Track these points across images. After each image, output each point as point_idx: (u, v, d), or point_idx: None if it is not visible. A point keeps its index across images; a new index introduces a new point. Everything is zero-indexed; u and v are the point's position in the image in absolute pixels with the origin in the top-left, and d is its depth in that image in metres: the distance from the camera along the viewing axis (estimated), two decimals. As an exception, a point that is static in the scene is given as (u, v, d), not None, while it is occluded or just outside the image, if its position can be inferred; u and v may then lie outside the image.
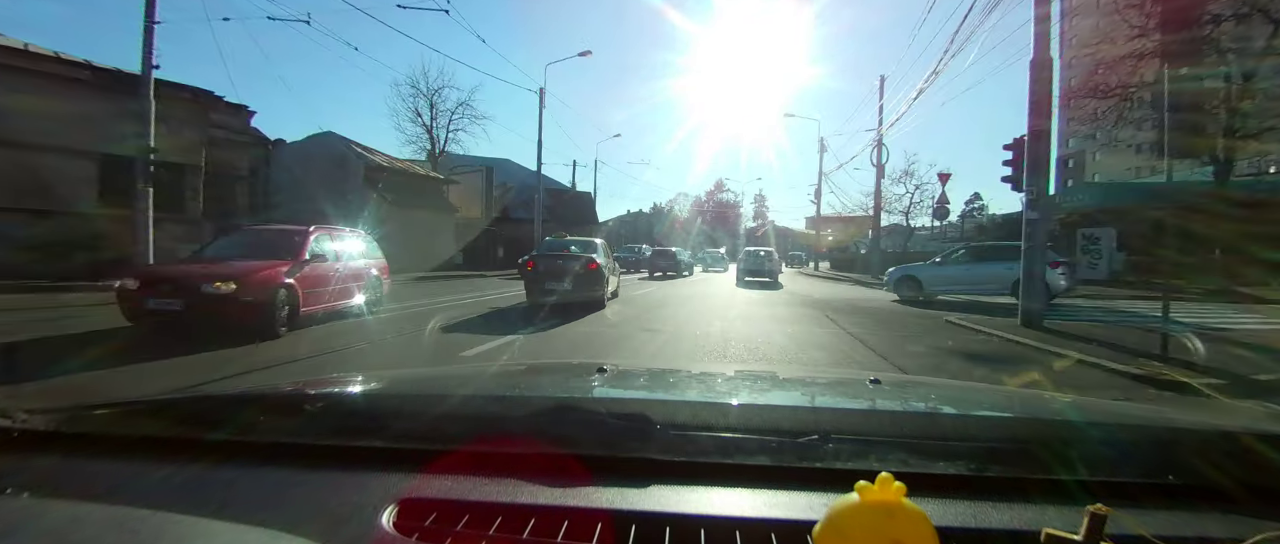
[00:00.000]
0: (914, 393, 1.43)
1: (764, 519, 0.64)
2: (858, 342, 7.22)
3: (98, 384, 4.09)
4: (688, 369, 1.94)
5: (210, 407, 0.99)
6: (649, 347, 6.84)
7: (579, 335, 7.47)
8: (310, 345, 6.11)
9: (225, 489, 0.70)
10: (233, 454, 0.77)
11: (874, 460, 0.75)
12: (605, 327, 8.29)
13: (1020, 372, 5.36)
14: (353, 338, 6.72)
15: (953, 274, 13.09)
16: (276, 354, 5.60)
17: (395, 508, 0.66)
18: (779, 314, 10.25)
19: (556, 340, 7.11)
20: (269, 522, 0.60)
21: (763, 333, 7.87)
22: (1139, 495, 0.68)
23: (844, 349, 6.74)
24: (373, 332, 7.24)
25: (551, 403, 0.94)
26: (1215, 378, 4.79)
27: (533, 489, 0.70)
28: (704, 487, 0.70)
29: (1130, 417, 1.13)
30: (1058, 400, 1.29)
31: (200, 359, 5.08)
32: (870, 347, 6.85)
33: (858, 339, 7.41)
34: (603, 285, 10.54)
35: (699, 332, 8.00)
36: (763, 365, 5.33)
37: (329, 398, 1.09)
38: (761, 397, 1.28)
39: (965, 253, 13.81)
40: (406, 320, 8.14)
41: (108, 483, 0.70)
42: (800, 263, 44.14)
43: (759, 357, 6.16)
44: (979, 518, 0.64)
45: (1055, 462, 0.74)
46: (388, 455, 0.76)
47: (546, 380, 1.47)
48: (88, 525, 0.53)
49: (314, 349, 5.97)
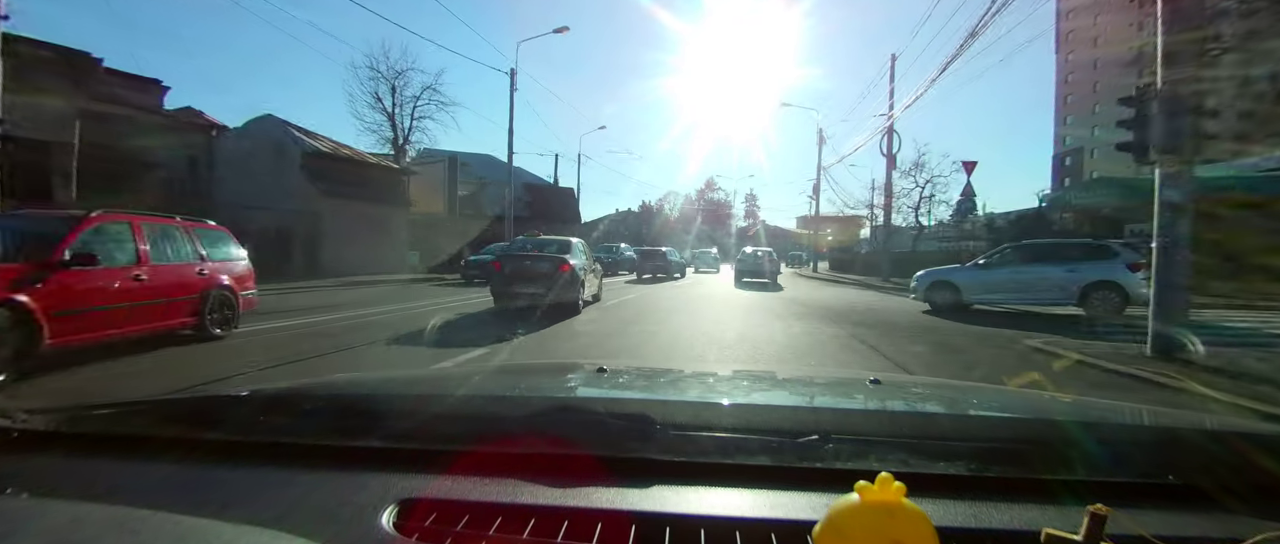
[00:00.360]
0: (914, 393, 1.47)
1: (764, 519, 0.66)
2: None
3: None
4: (688, 369, 1.99)
5: (210, 407, 1.00)
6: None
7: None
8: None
9: (225, 489, 0.72)
10: (233, 454, 0.79)
11: (874, 460, 0.77)
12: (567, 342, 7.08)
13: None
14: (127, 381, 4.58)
15: (999, 279, 11.27)
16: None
17: (395, 508, 0.68)
18: (794, 334, 8.19)
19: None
20: (269, 522, 0.62)
21: (779, 363, 6.22)
22: (1139, 495, 0.70)
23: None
24: (182, 369, 5.10)
25: (551, 403, 0.98)
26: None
27: (533, 489, 0.72)
28: (704, 487, 0.72)
29: (1130, 417, 1.15)
30: (1058, 400, 1.32)
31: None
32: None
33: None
34: (577, 289, 9.85)
35: (693, 353, 6.57)
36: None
37: (329, 398, 1.09)
38: (761, 397, 1.32)
39: (1013, 253, 11.74)
40: (274, 345, 6.32)
41: (108, 483, 0.72)
42: (800, 263, 43.03)
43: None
44: (979, 518, 0.66)
45: (1055, 462, 0.77)
46: (388, 455, 0.78)
47: (547, 380, 1.48)
48: (88, 525, 0.54)
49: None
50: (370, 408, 1.01)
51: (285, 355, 5.67)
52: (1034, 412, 1.20)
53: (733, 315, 10.24)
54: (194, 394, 1.10)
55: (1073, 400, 1.24)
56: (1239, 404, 3.92)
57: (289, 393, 1.13)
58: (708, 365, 4.11)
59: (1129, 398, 4.96)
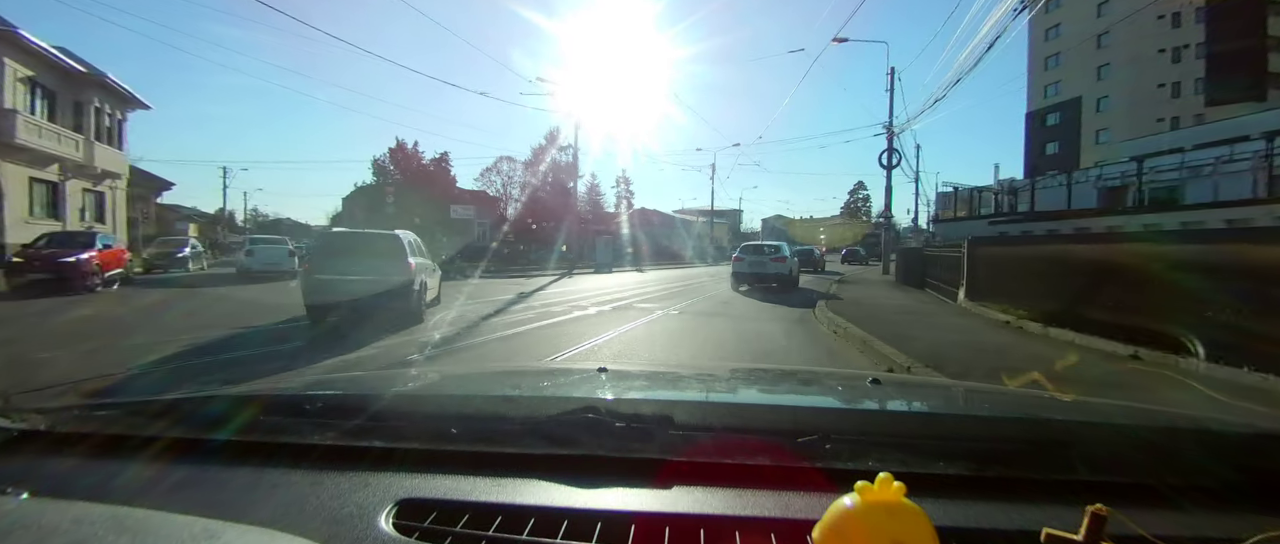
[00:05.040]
0: (914, 393, 1.47)
1: (764, 519, 0.66)
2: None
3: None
4: (688, 369, 1.99)
5: (210, 407, 0.99)
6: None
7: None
8: None
9: (225, 489, 0.72)
10: (233, 454, 0.80)
11: (874, 460, 0.77)
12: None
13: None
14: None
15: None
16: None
17: (395, 508, 0.68)
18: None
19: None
20: (270, 521, 0.63)
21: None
22: (1139, 495, 0.70)
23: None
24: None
25: (551, 403, 0.98)
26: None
27: (533, 489, 0.72)
28: (704, 487, 0.72)
29: (1130, 416, 1.15)
30: (1058, 400, 1.31)
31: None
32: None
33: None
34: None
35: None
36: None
37: (329, 398, 1.09)
38: (762, 397, 1.32)
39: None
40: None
41: (108, 483, 0.72)
42: (858, 259, 37.06)
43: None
44: (979, 518, 0.66)
45: (1055, 462, 0.77)
46: (388, 455, 0.79)
47: (546, 381, 1.49)
48: (88, 525, 0.54)
49: None
50: (370, 408, 1.02)
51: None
52: (1034, 411, 1.20)
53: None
54: (194, 394, 1.13)
55: (1073, 400, 1.26)
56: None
57: (289, 393, 1.13)
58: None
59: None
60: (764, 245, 16.16)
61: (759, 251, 15.25)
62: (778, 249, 15.34)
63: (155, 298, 11.94)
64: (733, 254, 16.38)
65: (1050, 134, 45.81)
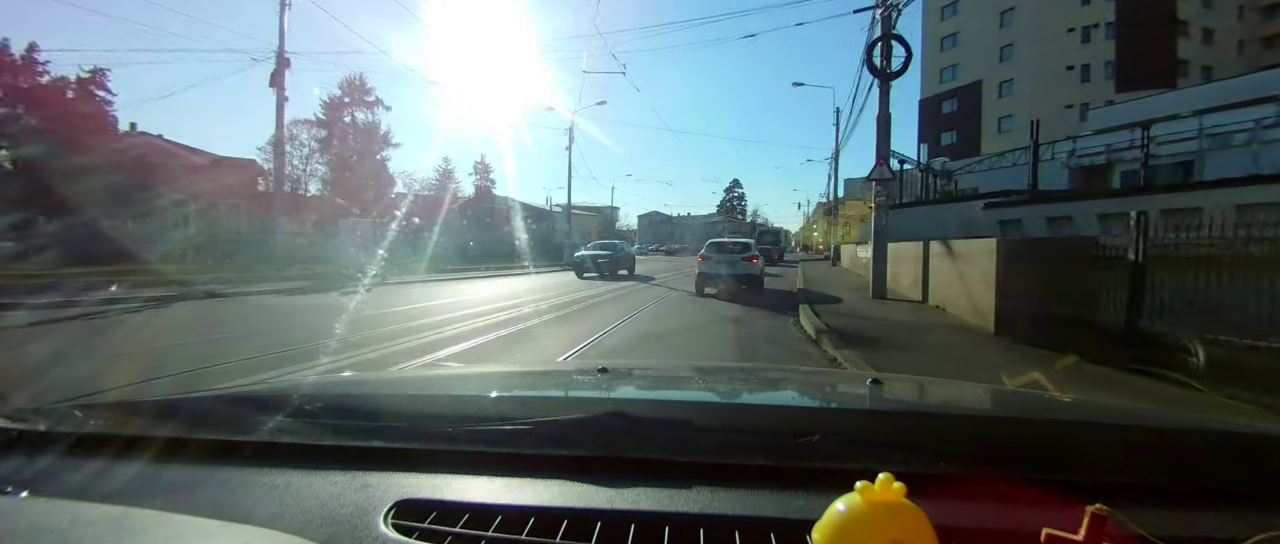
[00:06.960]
0: (914, 393, 1.48)
1: (764, 519, 0.66)
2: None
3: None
4: (688, 369, 1.98)
5: (210, 407, 1.00)
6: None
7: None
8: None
9: (225, 489, 0.72)
10: (232, 454, 0.80)
11: (874, 460, 0.75)
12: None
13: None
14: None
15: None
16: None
17: (394, 508, 0.68)
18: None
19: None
20: (269, 522, 0.63)
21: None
22: (1139, 495, 0.70)
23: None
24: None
25: (552, 403, 0.98)
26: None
27: (532, 489, 0.72)
28: (704, 486, 0.72)
29: (1130, 416, 1.15)
30: (1058, 400, 1.32)
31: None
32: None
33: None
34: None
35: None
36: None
37: (329, 398, 1.09)
38: (762, 396, 1.32)
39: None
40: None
41: (108, 483, 0.73)
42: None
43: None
44: (979, 518, 0.66)
45: (1056, 461, 0.77)
46: (388, 455, 0.79)
47: (546, 381, 1.49)
48: (88, 525, 0.54)
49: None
50: (370, 408, 1.01)
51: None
52: (1034, 411, 1.20)
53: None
54: (194, 394, 1.12)
55: (1073, 400, 1.25)
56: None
57: (289, 393, 1.16)
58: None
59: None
60: (732, 243, 14.37)
61: (727, 250, 13.44)
62: (747, 246, 13.68)
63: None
64: (698, 252, 14.35)
65: (946, 122, 42.42)
